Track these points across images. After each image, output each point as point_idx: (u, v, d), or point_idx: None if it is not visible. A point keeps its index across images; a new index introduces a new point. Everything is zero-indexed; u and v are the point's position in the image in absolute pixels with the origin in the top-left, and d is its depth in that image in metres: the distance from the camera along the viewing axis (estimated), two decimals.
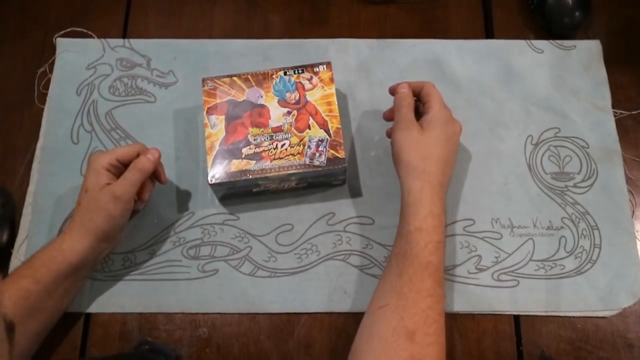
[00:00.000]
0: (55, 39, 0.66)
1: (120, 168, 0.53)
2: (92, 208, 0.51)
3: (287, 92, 0.57)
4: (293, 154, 0.55)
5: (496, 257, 0.58)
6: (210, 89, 0.57)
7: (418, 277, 0.48)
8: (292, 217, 0.60)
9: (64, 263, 0.49)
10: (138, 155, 0.54)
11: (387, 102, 0.59)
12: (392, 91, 0.58)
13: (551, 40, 0.68)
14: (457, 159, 0.58)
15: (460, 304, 0.57)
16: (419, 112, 0.57)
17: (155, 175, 0.57)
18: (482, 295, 0.57)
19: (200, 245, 0.59)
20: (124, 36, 0.68)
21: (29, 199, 0.60)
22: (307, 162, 0.55)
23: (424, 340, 0.46)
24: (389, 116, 0.58)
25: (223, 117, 0.56)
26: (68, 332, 0.55)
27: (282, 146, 0.55)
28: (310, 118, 0.56)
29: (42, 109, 0.64)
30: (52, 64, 0.65)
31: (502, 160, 0.62)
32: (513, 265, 0.58)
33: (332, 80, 0.57)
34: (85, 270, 0.53)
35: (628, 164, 0.62)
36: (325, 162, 0.55)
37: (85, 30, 0.67)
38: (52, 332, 0.54)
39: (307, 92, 0.57)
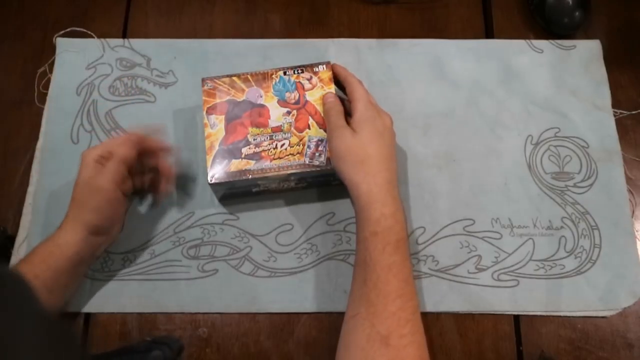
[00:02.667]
0: (55, 38, 0.66)
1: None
2: (81, 201, 0.51)
3: (286, 92, 0.57)
4: (293, 154, 0.55)
5: (496, 257, 0.58)
6: (210, 89, 0.57)
7: (382, 281, 0.47)
8: (292, 217, 0.60)
9: (62, 258, 0.49)
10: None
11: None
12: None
13: (551, 40, 0.68)
14: (459, 158, 0.58)
15: (460, 304, 0.57)
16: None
17: (159, 176, 0.57)
18: (482, 295, 0.57)
19: (200, 245, 0.59)
20: (123, 36, 0.68)
21: (29, 199, 0.60)
22: (307, 162, 0.55)
23: (399, 343, 0.45)
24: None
25: (223, 117, 0.56)
26: None
27: (281, 146, 0.55)
28: (310, 118, 0.56)
29: (42, 109, 0.64)
30: (52, 63, 0.65)
31: (502, 160, 0.62)
32: (513, 265, 0.58)
33: (331, 80, 0.57)
34: (84, 266, 0.53)
35: (628, 164, 0.62)
36: (325, 161, 0.55)
37: (85, 30, 0.67)
38: None
39: (306, 92, 0.57)
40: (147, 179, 0.58)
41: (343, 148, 0.52)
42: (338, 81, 0.58)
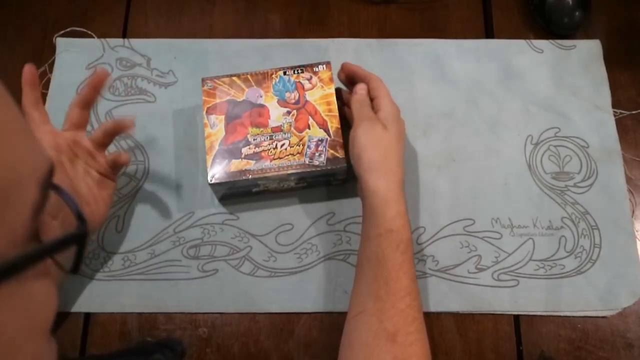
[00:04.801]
0: (55, 38, 0.66)
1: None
2: None
3: (286, 92, 0.57)
4: (293, 154, 0.55)
5: (496, 257, 0.58)
6: (210, 89, 0.57)
7: (393, 278, 0.48)
8: (292, 217, 0.60)
9: None
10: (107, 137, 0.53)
11: None
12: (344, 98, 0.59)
13: (551, 40, 0.68)
14: (459, 158, 0.59)
15: (460, 304, 0.57)
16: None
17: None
18: (482, 295, 0.57)
19: (200, 245, 0.58)
20: (123, 36, 0.68)
21: None
22: (307, 162, 0.55)
23: (406, 340, 0.45)
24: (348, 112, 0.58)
25: (223, 117, 0.56)
26: (68, 331, 0.55)
27: (281, 146, 0.55)
28: (310, 118, 0.56)
29: None
30: (52, 63, 0.65)
31: (502, 160, 0.62)
32: (513, 265, 0.58)
33: (331, 80, 0.57)
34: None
35: (628, 164, 0.62)
36: (325, 161, 0.55)
37: (85, 30, 0.67)
38: (51, 332, 0.54)
39: (306, 92, 0.57)
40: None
41: (371, 140, 0.52)
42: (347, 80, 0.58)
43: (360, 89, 0.56)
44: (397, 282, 0.48)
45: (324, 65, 0.58)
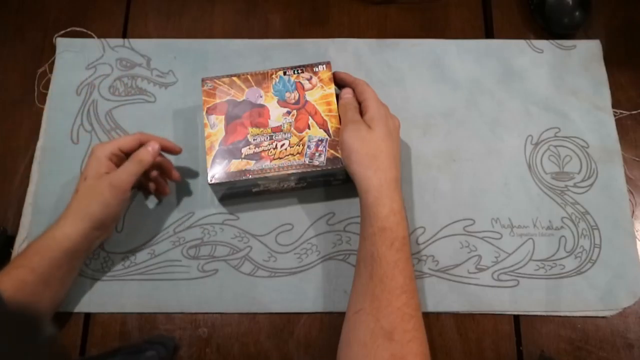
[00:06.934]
0: (55, 38, 0.66)
1: (122, 158, 0.54)
2: (88, 195, 0.52)
3: (286, 92, 0.57)
4: (293, 154, 0.55)
5: (496, 257, 0.58)
6: (210, 89, 0.57)
7: (389, 276, 0.48)
8: (292, 217, 0.60)
9: (57, 250, 0.49)
10: (140, 146, 0.54)
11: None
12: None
13: (551, 40, 0.68)
14: (459, 158, 0.58)
15: (460, 304, 0.57)
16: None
17: (164, 171, 0.58)
18: (482, 295, 0.57)
19: (200, 245, 0.58)
20: (123, 36, 0.68)
21: (29, 199, 0.60)
22: (307, 162, 0.55)
23: (403, 338, 0.46)
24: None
25: (222, 117, 0.56)
26: (68, 332, 0.55)
27: (281, 146, 0.55)
28: (310, 118, 0.56)
29: (42, 109, 0.64)
30: (52, 63, 0.65)
31: (502, 160, 0.62)
32: (513, 265, 0.58)
33: (331, 80, 0.57)
34: (79, 260, 0.53)
35: (628, 164, 0.62)
36: (325, 161, 0.55)
37: (85, 30, 0.67)
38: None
39: (306, 92, 0.57)
40: (152, 175, 0.58)
41: (357, 141, 0.52)
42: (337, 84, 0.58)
43: (345, 93, 0.57)
44: (392, 280, 0.48)
45: (324, 65, 0.58)
